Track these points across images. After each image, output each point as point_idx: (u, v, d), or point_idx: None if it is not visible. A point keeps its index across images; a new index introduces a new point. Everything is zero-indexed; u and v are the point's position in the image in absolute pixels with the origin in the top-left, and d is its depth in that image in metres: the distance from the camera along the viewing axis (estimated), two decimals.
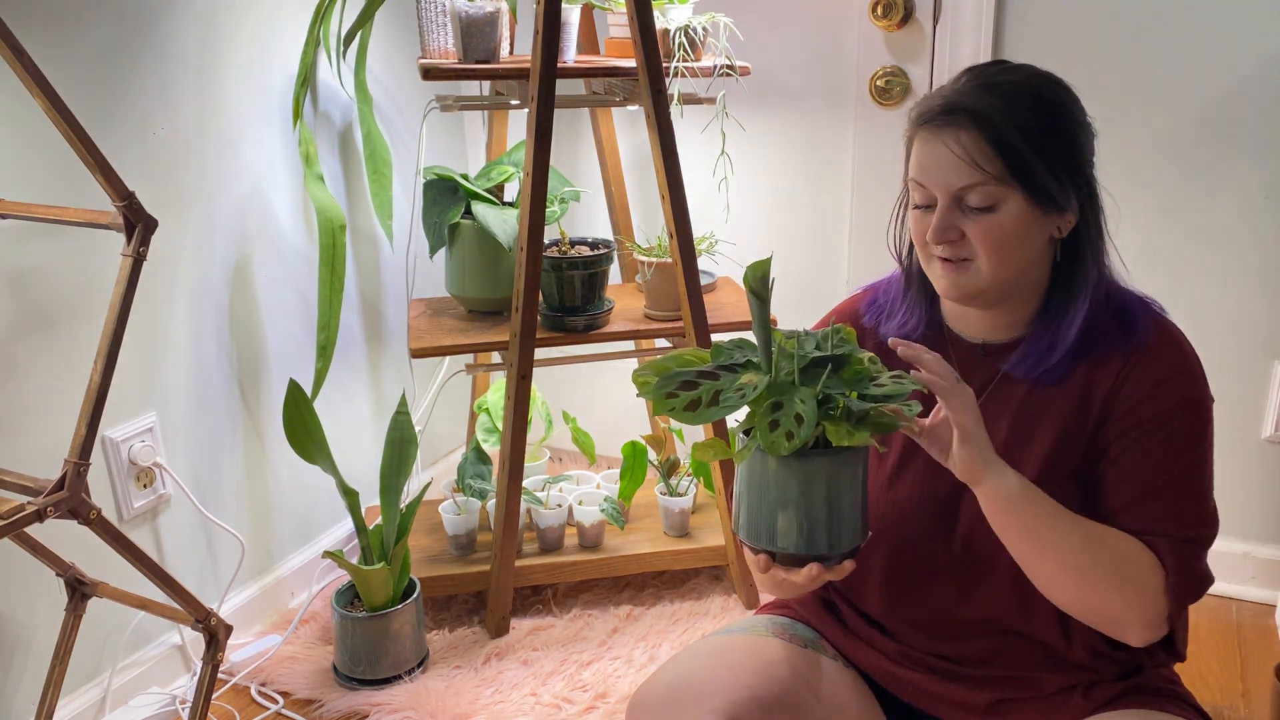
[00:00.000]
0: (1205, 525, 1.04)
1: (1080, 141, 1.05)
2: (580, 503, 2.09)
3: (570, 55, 1.83)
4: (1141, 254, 1.96)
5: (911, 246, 1.14)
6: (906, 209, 1.12)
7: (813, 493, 0.94)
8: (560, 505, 2.05)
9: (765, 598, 1.67)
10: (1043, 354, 1.07)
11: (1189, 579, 1.01)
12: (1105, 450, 1.06)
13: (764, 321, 0.95)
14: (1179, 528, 1.02)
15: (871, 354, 0.99)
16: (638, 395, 0.97)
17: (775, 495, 0.94)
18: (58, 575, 1.48)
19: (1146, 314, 1.08)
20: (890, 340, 1.00)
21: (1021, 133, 1.00)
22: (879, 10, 2.01)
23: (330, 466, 1.79)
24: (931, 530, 1.11)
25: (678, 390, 0.93)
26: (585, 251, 1.94)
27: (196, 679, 1.61)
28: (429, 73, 1.72)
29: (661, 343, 2.13)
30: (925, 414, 1.05)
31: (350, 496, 1.80)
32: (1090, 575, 1.00)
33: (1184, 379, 1.05)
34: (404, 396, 1.87)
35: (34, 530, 1.35)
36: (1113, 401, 1.05)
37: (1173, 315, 1.11)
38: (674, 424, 2.30)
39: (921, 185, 1.05)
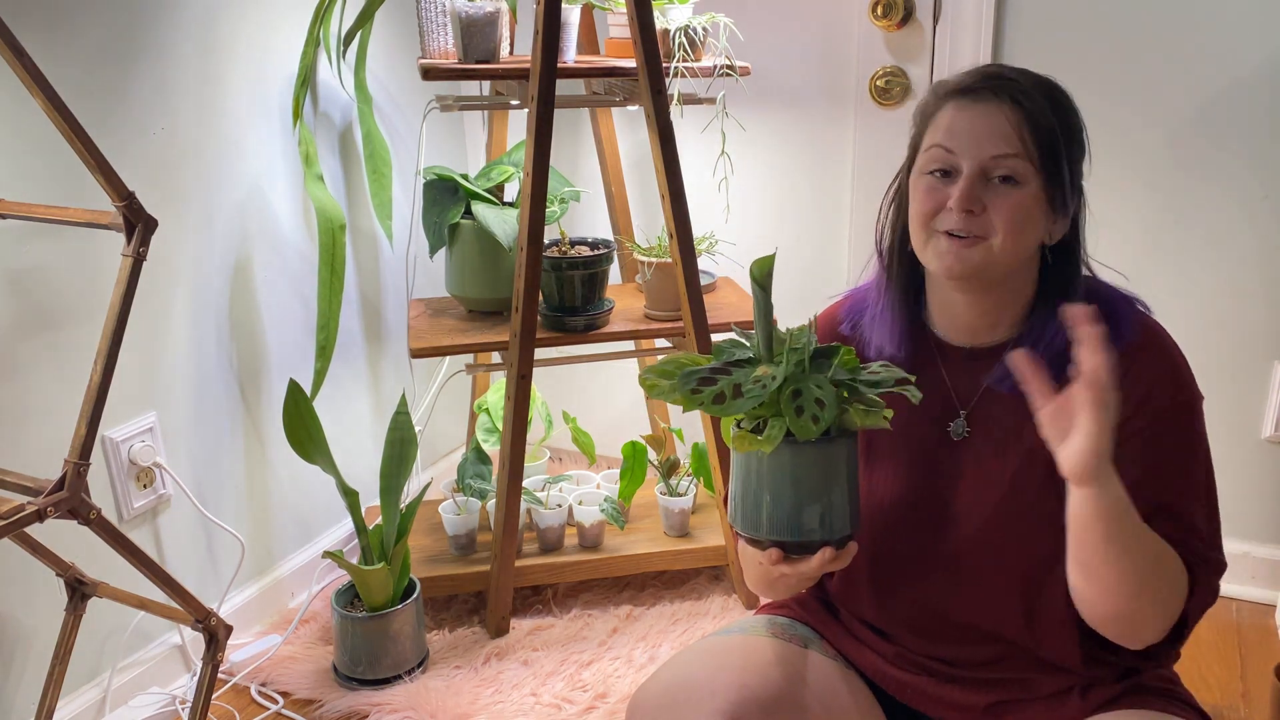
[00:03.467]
0: (1219, 548, 1.05)
1: (1085, 154, 1.06)
2: (580, 503, 2.09)
3: (570, 55, 1.83)
4: (1142, 253, 1.96)
5: (896, 242, 1.12)
6: (895, 203, 1.12)
7: (830, 477, 0.97)
8: (560, 505, 2.05)
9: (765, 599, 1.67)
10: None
11: (1210, 595, 1.03)
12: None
13: (766, 314, 0.98)
14: (1207, 547, 1.03)
15: (849, 347, 1.02)
16: (650, 397, 1.00)
17: (796, 485, 0.96)
18: (58, 575, 1.48)
19: (1132, 313, 1.07)
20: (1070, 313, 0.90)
21: (1060, 126, 1.01)
22: (879, 10, 2.01)
23: (330, 466, 1.79)
24: (916, 529, 1.11)
25: (699, 386, 0.96)
26: (585, 251, 1.94)
27: (196, 679, 1.62)
28: (429, 73, 1.72)
29: (661, 343, 2.13)
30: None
31: (350, 496, 1.80)
32: (1146, 588, 0.97)
33: (1175, 381, 1.05)
34: (404, 396, 1.87)
35: (34, 530, 1.35)
36: None
37: (1172, 315, 1.11)
38: (674, 424, 2.30)
39: (948, 151, 1.02)
